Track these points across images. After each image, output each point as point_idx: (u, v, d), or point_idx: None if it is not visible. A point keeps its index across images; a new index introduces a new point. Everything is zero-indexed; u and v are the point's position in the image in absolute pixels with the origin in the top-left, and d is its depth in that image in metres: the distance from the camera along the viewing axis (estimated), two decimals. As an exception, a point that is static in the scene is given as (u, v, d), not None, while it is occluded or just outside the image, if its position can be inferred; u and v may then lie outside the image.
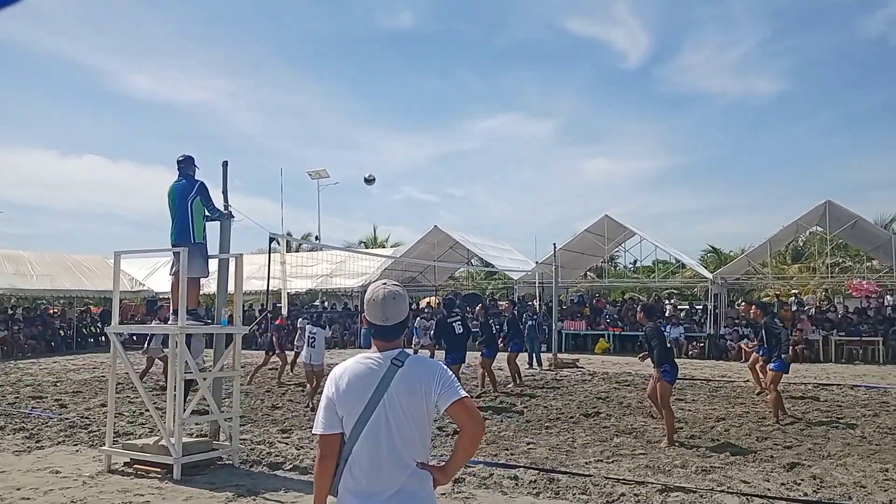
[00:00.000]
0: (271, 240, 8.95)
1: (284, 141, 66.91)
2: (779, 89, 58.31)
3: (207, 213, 7.09)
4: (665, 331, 17.07)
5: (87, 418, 9.40)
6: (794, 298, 23.54)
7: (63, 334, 24.27)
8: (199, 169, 7.21)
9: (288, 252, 21.52)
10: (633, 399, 10.98)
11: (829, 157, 57.13)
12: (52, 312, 27.51)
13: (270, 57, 66.20)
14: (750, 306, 10.07)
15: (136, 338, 24.91)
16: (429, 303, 26.95)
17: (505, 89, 66.79)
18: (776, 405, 9.20)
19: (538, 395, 11.73)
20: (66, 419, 9.32)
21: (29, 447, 7.58)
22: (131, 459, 6.64)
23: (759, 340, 10.83)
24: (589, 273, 30.43)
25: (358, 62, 68.41)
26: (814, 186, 63.21)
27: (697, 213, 61.61)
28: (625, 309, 24.42)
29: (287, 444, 7.75)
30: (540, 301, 22.29)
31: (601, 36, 61.10)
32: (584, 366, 16.88)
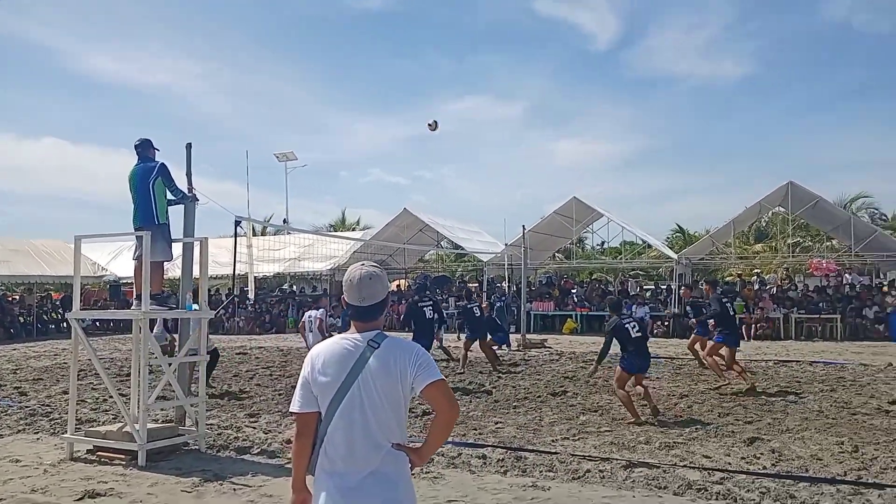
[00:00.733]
0: (237, 223, 8.90)
1: (251, 124, 65.98)
2: (745, 72, 59.29)
3: (170, 195, 6.95)
4: (630, 311, 17.41)
5: (48, 406, 9.20)
6: (756, 278, 24.09)
7: (23, 321, 23.75)
8: (158, 151, 7.05)
9: (255, 236, 21.28)
10: (600, 378, 11.13)
11: (792, 139, 58.37)
12: (11, 299, 26.85)
13: (237, 38, 65.00)
14: (708, 285, 10.50)
15: (98, 323, 24.52)
16: (398, 286, 26.95)
17: (475, 71, 66.67)
18: (716, 369, 10.14)
19: (506, 375, 11.84)
20: (27, 407, 9.11)
21: (-12, 436, 7.39)
22: (94, 447, 6.50)
23: (697, 321, 11.47)
24: (557, 254, 30.71)
25: (326, 44, 67.65)
26: (777, 167, 64.62)
27: (665, 194, 62.56)
28: (590, 290, 24.72)
29: (255, 427, 7.69)
30: (509, 282, 22.43)
31: (570, 18, 61.35)
32: (551, 346, 17.05)
